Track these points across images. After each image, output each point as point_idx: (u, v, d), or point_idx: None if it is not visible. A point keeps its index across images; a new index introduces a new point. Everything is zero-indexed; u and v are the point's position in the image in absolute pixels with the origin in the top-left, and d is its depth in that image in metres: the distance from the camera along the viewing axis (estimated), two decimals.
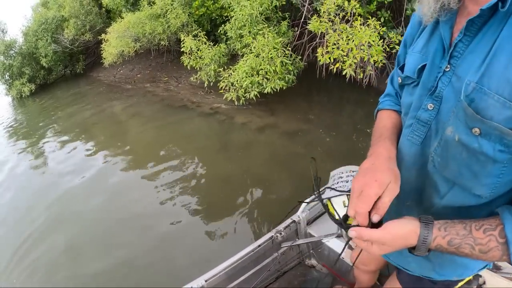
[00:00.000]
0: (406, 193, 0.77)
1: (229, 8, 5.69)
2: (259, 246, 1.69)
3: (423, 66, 0.71)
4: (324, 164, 3.74)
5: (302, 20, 5.70)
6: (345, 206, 0.74)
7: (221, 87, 5.43)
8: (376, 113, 0.95)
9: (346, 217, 0.71)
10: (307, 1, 5.51)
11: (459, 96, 0.60)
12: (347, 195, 0.74)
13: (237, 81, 5.15)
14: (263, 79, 5.00)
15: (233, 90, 5.29)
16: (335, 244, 1.66)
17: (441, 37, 0.67)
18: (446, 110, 0.65)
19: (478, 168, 0.62)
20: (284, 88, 5.01)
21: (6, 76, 12.64)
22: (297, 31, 5.86)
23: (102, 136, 6.02)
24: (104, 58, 8.13)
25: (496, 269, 1.42)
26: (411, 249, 0.65)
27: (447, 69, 0.64)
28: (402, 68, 0.80)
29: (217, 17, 6.38)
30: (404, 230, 0.63)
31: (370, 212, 0.65)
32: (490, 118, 0.55)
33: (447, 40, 0.65)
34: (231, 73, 5.31)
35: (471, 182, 0.64)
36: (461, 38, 0.61)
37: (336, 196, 0.75)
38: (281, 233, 1.74)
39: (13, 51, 12.59)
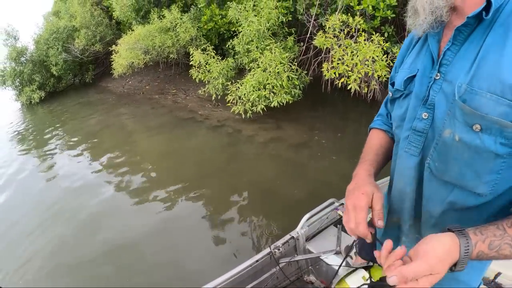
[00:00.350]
0: (408, 210, 0.81)
1: (237, 23, 5.94)
2: (257, 261, 1.71)
3: (409, 78, 0.78)
4: (328, 176, 3.91)
5: (308, 35, 5.91)
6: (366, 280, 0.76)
7: (229, 100, 5.64)
8: (369, 130, 1.05)
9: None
10: (313, 17, 5.73)
11: (452, 99, 0.65)
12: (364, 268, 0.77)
13: (244, 94, 5.36)
14: (270, 93, 5.20)
15: (240, 104, 5.50)
16: (333, 261, 1.69)
17: (429, 51, 0.74)
18: (440, 115, 0.69)
19: (480, 165, 0.64)
20: (290, 102, 5.21)
21: (17, 82, 12.96)
22: (303, 46, 6.07)
23: (110, 146, 6.20)
24: (114, 69, 8.42)
25: (497, 286, 1.44)
26: (451, 267, 0.60)
27: (437, 77, 0.70)
28: (393, 85, 0.87)
29: (225, 32, 6.63)
30: (445, 246, 0.58)
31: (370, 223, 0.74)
32: (487, 113, 0.60)
33: (435, 53, 0.72)
34: (238, 87, 5.53)
35: (473, 181, 0.67)
36: (449, 46, 0.68)
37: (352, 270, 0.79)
38: (279, 249, 1.78)
39: (24, 58, 12.97)
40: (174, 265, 2.88)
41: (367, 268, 0.83)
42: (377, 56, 4.63)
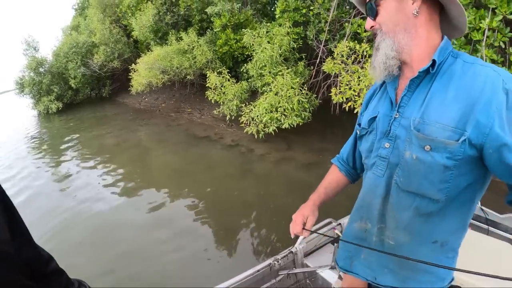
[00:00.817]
0: (376, 217, 1.04)
1: (251, 47, 6.51)
2: (258, 271, 1.88)
3: (372, 118, 1.02)
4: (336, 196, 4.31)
5: (317, 60, 6.43)
6: None
7: (242, 121, 6.17)
8: (332, 162, 1.34)
9: None
10: (322, 42, 6.25)
11: (409, 129, 0.87)
12: None
13: (257, 116, 5.88)
14: (281, 115, 5.70)
15: (253, 125, 6.02)
16: (328, 275, 1.91)
17: (388, 98, 0.98)
18: (401, 143, 0.91)
19: (433, 176, 0.85)
20: (300, 124, 5.70)
21: (35, 91, 13.79)
22: (313, 70, 6.58)
23: (124, 161, 6.55)
24: (132, 86, 9.08)
25: None
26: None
27: (397, 116, 0.93)
28: (360, 125, 1.11)
29: (238, 55, 7.22)
30: None
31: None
32: (435, 137, 0.82)
33: (393, 98, 0.97)
34: (252, 109, 6.06)
35: (429, 189, 0.87)
36: (406, 93, 0.92)
37: None
38: (278, 261, 1.97)
39: (42, 69, 13.78)
40: (178, 269, 3.19)
41: None
42: None
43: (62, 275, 0.72)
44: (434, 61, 0.86)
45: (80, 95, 14.33)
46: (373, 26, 0.95)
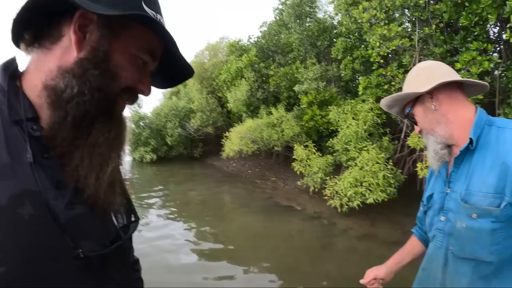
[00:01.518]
0: (438, 284, 1.14)
1: (336, 123, 7.22)
2: None
3: (430, 195, 1.21)
4: (413, 275, 4.33)
5: (402, 135, 6.79)
6: None
7: (326, 194, 6.69)
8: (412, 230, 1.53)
9: None
10: None
11: (458, 201, 1.02)
12: None
13: (341, 190, 6.34)
14: (366, 190, 6.07)
15: (337, 198, 6.47)
16: None
17: (441, 176, 1.17)
18: (452, 215, 1.05)
19: (484, 241, 0.97)
20: (385, 199, 5.97)
21: (133, 140, 16.10)
22: (397, 144, 6.94)
23: (207, 218, 7.07)
24: (224, 151, 10.42)
25: None
26: None
27: (448, 191, 1.10)
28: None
29: (323, 130, 8.00)
30: None
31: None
32: (479, 206, 0.97)
33: (444, 176, 1.15)
34: (336, 182, 6.57)
35: (482, 253, 0.98)
36: (453, 169, 1.09)
37: None
38: None
39: (143, 123, 16.52)
40: None
41: None
42: None
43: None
44: (471, 139, 1.02)
45: (174, 151, 16.49)
46: (420, 131, 1.20)
